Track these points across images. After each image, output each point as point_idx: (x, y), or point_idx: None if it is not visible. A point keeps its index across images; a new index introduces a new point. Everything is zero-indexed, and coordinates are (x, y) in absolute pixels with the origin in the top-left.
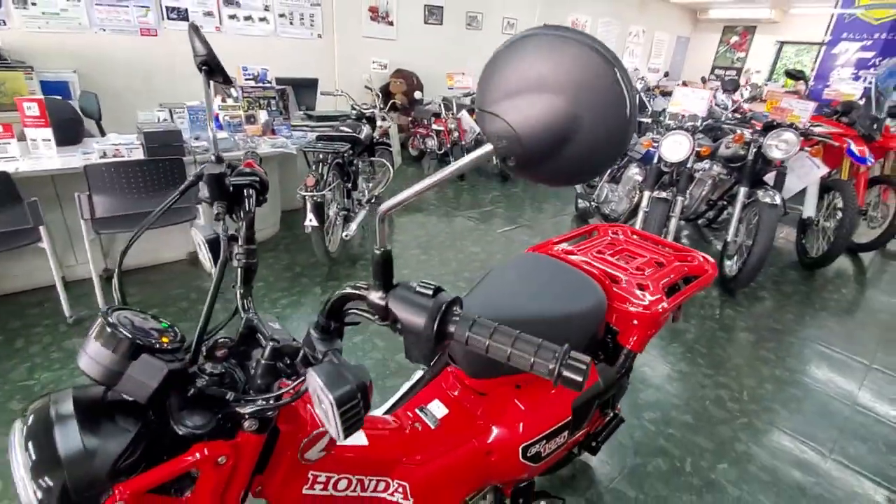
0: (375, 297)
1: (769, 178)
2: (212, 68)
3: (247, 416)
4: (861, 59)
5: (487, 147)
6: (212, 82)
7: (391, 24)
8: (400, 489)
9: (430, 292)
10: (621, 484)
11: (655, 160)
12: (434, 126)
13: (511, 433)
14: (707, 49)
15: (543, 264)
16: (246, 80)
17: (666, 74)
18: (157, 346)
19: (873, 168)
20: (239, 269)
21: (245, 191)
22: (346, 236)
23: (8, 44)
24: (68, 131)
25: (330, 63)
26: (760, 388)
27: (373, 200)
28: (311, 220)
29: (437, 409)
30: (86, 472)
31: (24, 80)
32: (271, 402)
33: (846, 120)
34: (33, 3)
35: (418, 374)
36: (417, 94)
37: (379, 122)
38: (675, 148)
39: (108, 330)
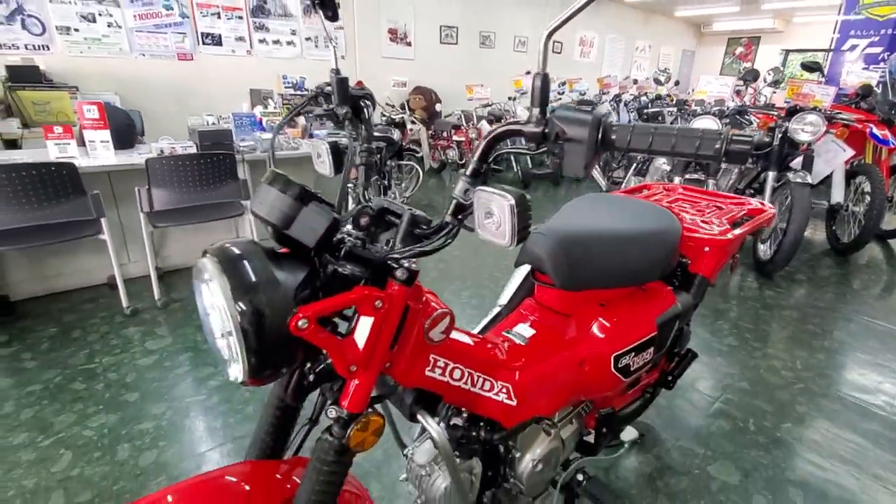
0: (532, 123)
1: (796, 164)
2: (324, 2)
3: (398, 265)
4: (870, 54)
5: None
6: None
7: (409, 44)
8: (504, 390)
9: (589, 108)
10: (688, 442)
11: None
12: (455, 137)
13: (602, 343)
14: (713, 61)
15: (617, 198)
16: (286, 87)
17: (677, 83)
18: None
19: (893, 156)
20: (361, 167)
21: (361, 101)
22: None
23: (51, 67)
24: (124, 136)
25: (353, 82)
26: (812, 357)
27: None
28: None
29: (525, 330)
30: (276, 295)
31: (69, 99)
32: (426, 248)
33: (865, 105)
34: (76, 30)
35: (496, 310)
36: (438, 107)
37: (409, 126)
38: None
39: (283, 177)
